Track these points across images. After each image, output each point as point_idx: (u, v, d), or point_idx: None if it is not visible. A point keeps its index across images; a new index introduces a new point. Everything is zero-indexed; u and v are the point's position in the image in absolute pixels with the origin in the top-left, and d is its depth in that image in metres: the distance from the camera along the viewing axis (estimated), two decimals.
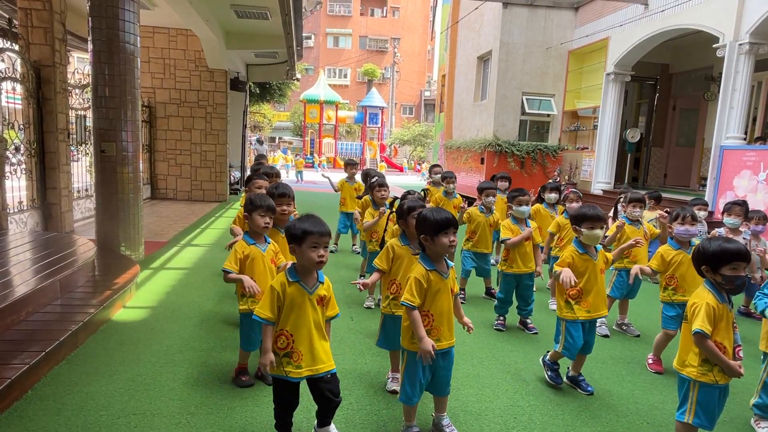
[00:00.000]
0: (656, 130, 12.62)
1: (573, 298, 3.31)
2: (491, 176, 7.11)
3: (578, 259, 3.30)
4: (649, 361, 3.84)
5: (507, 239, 4.39)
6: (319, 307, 2.43)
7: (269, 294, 2.38)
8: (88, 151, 8.07)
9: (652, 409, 3.20)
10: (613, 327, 4.64)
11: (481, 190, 5.22)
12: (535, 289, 4.62)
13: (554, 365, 3.44)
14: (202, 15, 9.15)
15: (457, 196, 6.44)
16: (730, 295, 2.47)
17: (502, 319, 4.56)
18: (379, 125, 33.19)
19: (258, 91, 20.09)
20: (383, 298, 3.18)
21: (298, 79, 19.74)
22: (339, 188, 7.12)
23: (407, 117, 45.54)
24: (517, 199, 4.48)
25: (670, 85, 12.59)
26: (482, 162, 12.72)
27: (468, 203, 5.85)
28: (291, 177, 21.67)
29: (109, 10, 5.50)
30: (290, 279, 2.39)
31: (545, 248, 5.06)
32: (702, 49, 10.16)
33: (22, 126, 6.39)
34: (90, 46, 5.62)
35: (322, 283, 2.46)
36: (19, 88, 6.31)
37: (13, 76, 6.09)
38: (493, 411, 3.05)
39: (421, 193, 4.36)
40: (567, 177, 12.14)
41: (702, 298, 2.43)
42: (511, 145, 12.29)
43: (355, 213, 5.79)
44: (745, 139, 8.37)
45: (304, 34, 19.48)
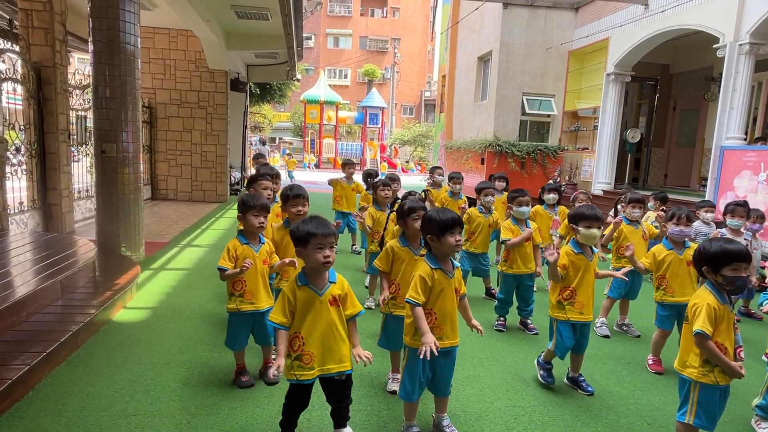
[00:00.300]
0: (656, 130, 12.62)
1: (565, 298, 3.30)
2: (489, 176, 7.11)
3: (573, 259, 3.29)
4: (650, 362, 3.84)
5: (507, 240, 4.40)
6: (333, 307, 2.41)
7: (281, 299, 2.40)
8: (88, 152, 8.08)
9: (653, 409, 3.20)
10: (614, 327, 4.64)
11: (479, 191, 5.23)
12: (535, 290, 4.62)
13: (547, 365, 3.44)
14: (203, 15, 9.16)
15: (463, 197, 6.43)
16: (730, 296, 2.47)
17: (502, 319, 4.56)
18: (380, 126, 33.15)
19: (258, 92, 20.10)
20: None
21: (299, 80, 19.75)
22: (332, 184, 7.08)
23: (407, 117, 45.53)
24: (517, 199, 4.48)
25: (670, 86, 12.59)
26: (482, 162, 12.72)
27: (469, 204, 5.86)
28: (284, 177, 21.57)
29: (110, 11, 5.51)
30: (299, 283, 2.40)
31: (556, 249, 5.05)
32: (702, 50, 10.16)
33: (22, 127, 6.40)
34: (90, 47, 5.63)
35: (334, 283, 2.45)
36: (19, 88, 6.31)
37: (14, 76, 6.10)
38: (494, 411, 3.05)
39: (422, 194, 4.37)
40: (567, 177, 12.14)
41: (703, 298, 2.43)
42: (511, 146, 12.29)
43: (357, 215, 5.74)
44: (746, 140, 8.37)
45: (305, 35, 19.49)
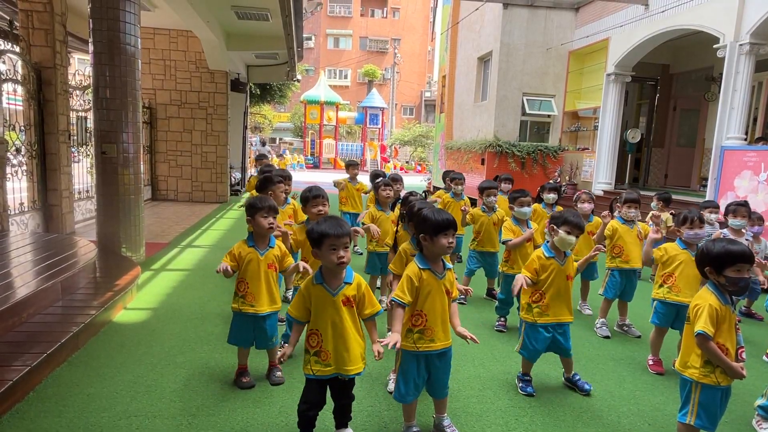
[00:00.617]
0: (657, 130, 12.61)
1: (534, 301, 3.27)
2: (494, 177, 7.08)
3: (544, 263, 3.24)
4: (650, 363, 3.83)
5: (508, 240, 4.40)
6: (346, 308, 2.44)
7: (298, 295, 2.51)
8: (89, 153, 8.08)
9: (654, 410, 3.20)
10: (614, 328, 4.64)
11: (482, 190, 5.23)
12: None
13: (524, 376, 3.37)
14: (203, 16, 9.16)
15: (465, 197, 6.41)
16: (733, 297, 2.47)
17: (503, 320, 4.55)
18: (380, 126, 33.17)
19: (258, 92, 20.11)
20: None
21: (299, 80, 19.73)
22: (337, 186, 7.12)
23: (408, 118, 45.53)
24: (518, 200, 4.47)
25: (670, 86, 12.58)
26: (483, 163, 12.71)
27: (472, 204, 5.85)
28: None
29: (110, 12, 5.51)
30: (315, 281, 2.45)
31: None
32: (702, 50, 10.15)
33: (23, 127, 6.40)
34: (91, 48, 5.63)
35: (350, 284, 2.46)
36: (20, 89, 6.31)
37: (14, 77, 6.10)
38: (495, 412, 3.05)
39: (422, 194, 4.37)
40: (568, 178, 12.14)
41: (705, 299, 2.43)
42: (511, 146, 12.28)
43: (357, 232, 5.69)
44: (746, 140, 8.36)
45: (305, 35, 19.48)
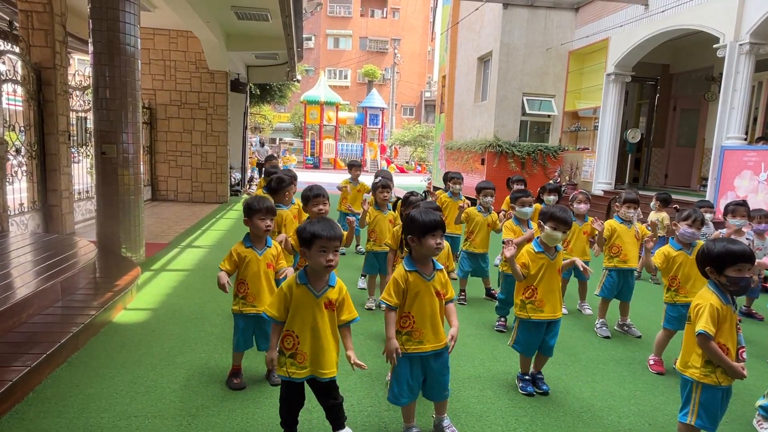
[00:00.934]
0: (657, 130, 12.61)
1: (527, 298, 3.26)
2: (506, 179, 7.01)
3: (533, 258, 3.24)
4: (651, 362, 3.83)
5: (509, 240, 4.39)
6: (328, 311, 2.42)
7: (278, 294, 2.45)
8: (88, 153, 8.08)
9: (654, 410, 3.19)
10: (615, 328, 4.63)
11: (479, 190, 5.21)
12: None
13: (523, 376, 3.38)
14: (203, 16, 9.16)
15: (462, 197, 6.40)
16: (734, 297, 2.46)
17: (503, 320, 4.55)
18: (380, 126, 33.16)
19: (258, 93, 20.11)
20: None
21: (299, 81, 19.73)
22: (341, 189, 7.13)
23: (408, 118, 45.53)
24: (520, 200, 4.47)
25: (670, 86, 12.58)
26: (483, 163, 12.71)
27: (471, 203, 5.84)
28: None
29: (110, 12, 5.51)
30: (298, 281, 2.41)
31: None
32: (702, 50, 10.15)
33: (22, 128, 6.40)
34: (90, 48, 5.64)
35: (333, 287, 2.44)
36: (19, 90, 6.31)
37: (14, 78, 6.10)
38: (495, 412, 3.05)
39: (423, 194, 4.37)
40: (568, 178, 12.13)
41: (706, 299, 2.43)
42: (511, 146, 12.28)
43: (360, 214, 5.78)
44: (746, 140, 8.36)
45: (305, 36, 19.48)
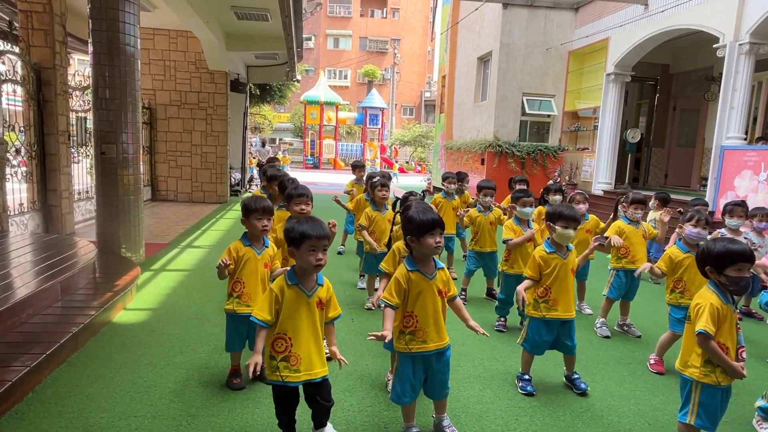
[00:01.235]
0: (657, 130, 12.61)
1: (540, 296, 3.29)
2: (509, 179, 7.01)
3: (546, 258, 3.27)
4: (651, 362, 3.82)
5: (509, 239, 4.40)
6: (319, 310, 2.42)
7: (268, 296, 2.38)
8: (88, 153, 8.07)
9: (654, 410, 3.19)
10: (614, 328, 4.63)
11: (480, 189, 5.22)
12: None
13: (523, 376, 3.38)
14: (203, 17, 9.16)
15: (456, 197, 6.35)
16: (733, 296, 2.46)
17: (503, 320, 4.55)
18: (380, 126, 33.14)
19: (258, 93, 20.11)
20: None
21: (299, 81, 19.74)
22: (349, 191, 7.14)
23: (407, 118, 45.52)
24: (521, 200, 4.46)
25: (670, 86, 12.59)
26: (482, 163, 12.72)
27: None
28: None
29: (110, 12, 5.51)
30: (289, 282, 2.38)
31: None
32: (702, 50, 10.16)
33: (22, 128, 6.39)
34: (90, 48, 5.63)
35: (322, 286, 2.45)
36: (19, 90, 6.31)
37: (14, 78, 6.09)
38: (494, 412, 3.05)
39: (422, 194, 4.36)
40: (567, 178, 12.13)
41: (706, 298, 2.43)
42: (511, 146, 12.28)
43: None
44: (746, 139, 8.36)
45: (305, 36, 19.48)
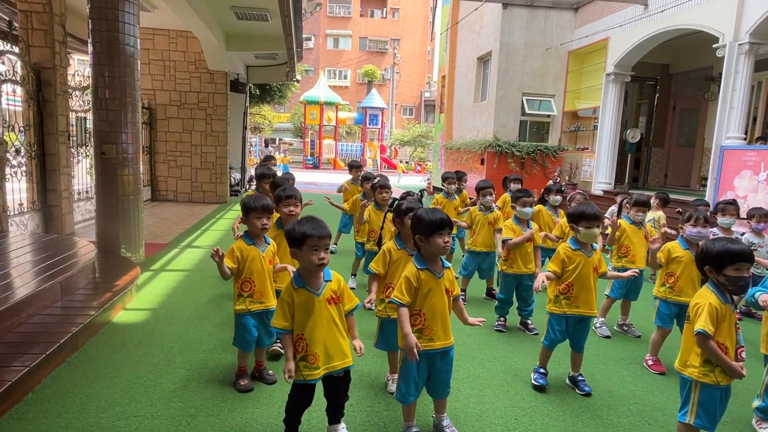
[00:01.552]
0: (656, 130, 12.61)
1: (562, 292, 3.32)
2: (504, 178, 7.02)
3: (570, 255, 3.31)
4: (649, 363, 3.83)
5: (508, 239, 4.40)
6: (332, 305, 2.43)
7: (280, 304, 2.43)
8: (88, 153, 8.07)
9: (654, 409, 3.20)
10: (614, 328, 4.64)
11: (479, 190, 5.23)
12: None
13: (540, 369, 3.42)
14: (202, 17, 9.16)
15: (457, 198, 6.36)
16: (732, 296, 2.47)
17: (502, 320, 4.55)
18: (380, 126, 33.14)
19: (258, 93, 20.10)
20: (378, 301, 3.14)
21: (298, 81, 19.74)
22: (343, 191, 7.17)
23: (407, 118, 45.51)
24: (521, 200, 4.47)
25: (670, 86, 12.59)
26: (482, 163, 12.71)
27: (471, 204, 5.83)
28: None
29: (109, 12, 5.51)
30: (296, 285, 2.41)
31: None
32: (702, 49, 10.16)
33: (22, 128, 6.39)
34: (90, 48, 5.63)
35: (330, 281, 2.46)
36: (19, 90, 6.31)
37: (14, 78, 6.09)
38: (494, 412, 3.05)
39: (419, 193, 4.37)
40: (567, 177, 12.13)
41: (705, 298, 2.43)
42: (511, 146, 12.27)
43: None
44: (746, 139, 8.36)
45: (304, 36, 19.49)
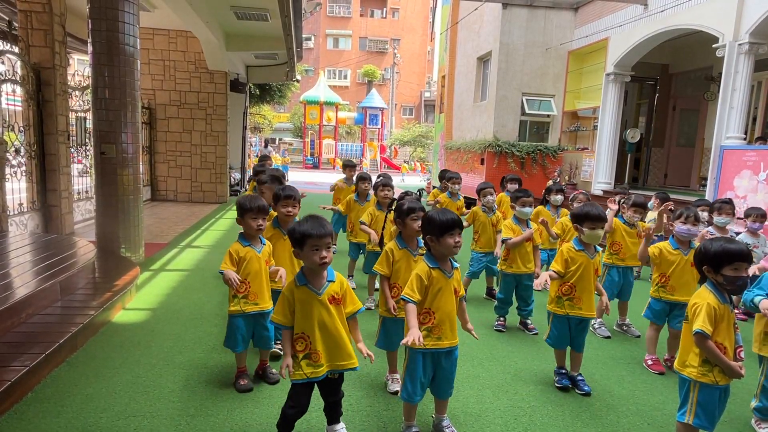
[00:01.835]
0: (656, 130, 12.61)
1: (564, 293, 3.33)
2: (501, 178, 7.02)
3: (573, 255, 3.31)
4: (648, 362, 3.83)
5: (508, 239, 4.40)
6: (333, 306, 2.44)
7: (281, 300, 2.45)
8: (88, 153, 8.07)
9: (653, 409, 3.20)
10: (614, 327, 4.64)
11: (479, 191, 5.23)
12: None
13: (559, 370, 3.47)
14: (202, 17, 9.16)
15: (461, 198, 6.38)
16: (731, 296, 2.47)
17: (502, 319, 4.56)
18: (379, 126, 33.15)
19: (258, 93, 20.11)
20: (381, 301, 3.15)
21: (298, 81, 19.74)
22: (336, 189, 7.14)
23: (407, 118, 45.51)
24: (521, 200, 4.48)
25: (670, 86, 12.58)
26: (482, 163, 12.71)
27: (468, 204, 5.84)
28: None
29: (109, 12, 5.51)
30: (298, 283, 2.43)
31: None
32: (702, 49, 10.15)
33: (22, 128, 6.39)
34: (90, 48, 5.64)
35: (333, 282, 2.47)
36: (19, 90, 6.31)
37: (14, 78, 6.10)
38: (494, 412, 3.05)
39: (417, 193, 4.38)
40: (567, 177, 12.13)
41: (703, 298, 2.43)
42: (511, 146, 12.27)
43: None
44: (746, 139, 8.35)
45: (304, 36, 19.48)
